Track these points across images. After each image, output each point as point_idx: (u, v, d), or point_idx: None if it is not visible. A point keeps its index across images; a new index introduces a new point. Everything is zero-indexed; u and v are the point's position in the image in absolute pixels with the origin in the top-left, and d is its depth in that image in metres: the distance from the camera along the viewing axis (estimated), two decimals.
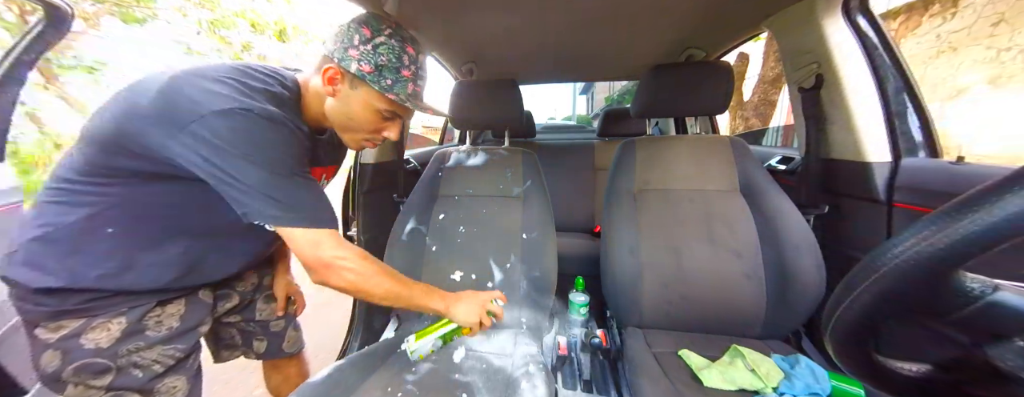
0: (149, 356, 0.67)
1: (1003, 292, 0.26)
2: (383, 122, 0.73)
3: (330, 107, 0.70)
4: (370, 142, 0.77)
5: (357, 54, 0.64)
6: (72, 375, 0.61)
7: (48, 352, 0.61)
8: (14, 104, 1.01)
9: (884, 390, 0.35)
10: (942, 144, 0.91)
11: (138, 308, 0.66)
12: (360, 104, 0.69)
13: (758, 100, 4.08)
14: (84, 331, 0.62)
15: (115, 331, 0.63)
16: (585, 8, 1.15)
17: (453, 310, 0.85)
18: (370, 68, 0.65)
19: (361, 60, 0.64)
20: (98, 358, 0.62)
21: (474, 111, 1.30)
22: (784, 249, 0.96)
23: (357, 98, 0.68)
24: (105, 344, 0.63)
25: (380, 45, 0.65)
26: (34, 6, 0.94)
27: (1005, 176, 0.24)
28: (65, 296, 0.60)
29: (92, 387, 0.63)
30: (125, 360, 0.65)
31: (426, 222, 1.17)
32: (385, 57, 0.65)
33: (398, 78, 0.67)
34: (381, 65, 0.65)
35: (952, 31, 3.52)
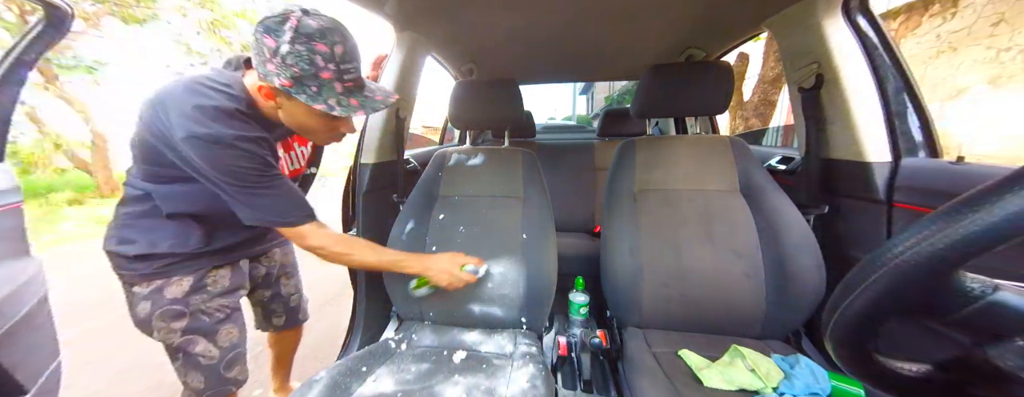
0: (212, 306, 0.88)
1: (1003, 292, 0.26)
2: (333, 122, 0.75)
3: (281, 117, 0.75)
4: (334, 139, 0.83)
5: (274, 68, 0.63)
6: (157, 318, 0.83)
7: (142, 302, 0.83)
8: (14, 104, 1.01)
9: (884, 390, 0.35)
10: (942, 144, 0.91)
11: (199, 270, 0.86)
12: (301, 114, 0.71)
13: (758, 100, 4.08)
14: (165, 286, 0.83)
15: (185, 286, 0.84)
16: (585, 8, 1.15)
17: (429, 270, 0.97)
18: (288, 81, 0.63)
19: (279, 74, 0.63)
20: (175, 305, 0.83)
21: (474, 111, 1.30)
22: (784, 249, 0.96)
23: (296, 109, 0.70)
24: (179, 295, 0.84)
25: (287, 55, 0.61)
26: (34, 6, 0.94)
27: (1005, 176, 0.24)
28: (150, 261, 0.81)
29: (173, 330, 0.84)
30: (194, 308, 0.85)
31: (426, 222, 1.17)
32: (297, 67, 0.62)
33: (322, 84, 0.65)
34: (296, 76, 0.63)
35: (952, 31, 3.52)
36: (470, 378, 0.86)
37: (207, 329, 0.88)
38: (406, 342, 1.03)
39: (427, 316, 1.12)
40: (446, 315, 1.11)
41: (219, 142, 0.67)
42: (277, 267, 1.12)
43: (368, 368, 0.88)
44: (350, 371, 0.85)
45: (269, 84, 0.66)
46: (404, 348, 1.00)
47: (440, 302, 1.10)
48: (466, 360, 0.94)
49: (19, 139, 6.42)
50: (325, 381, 0.80)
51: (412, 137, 1.69)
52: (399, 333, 1.08)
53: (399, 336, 1.05)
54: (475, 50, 1.60)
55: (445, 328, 1.10)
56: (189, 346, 0.86)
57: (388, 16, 1.11)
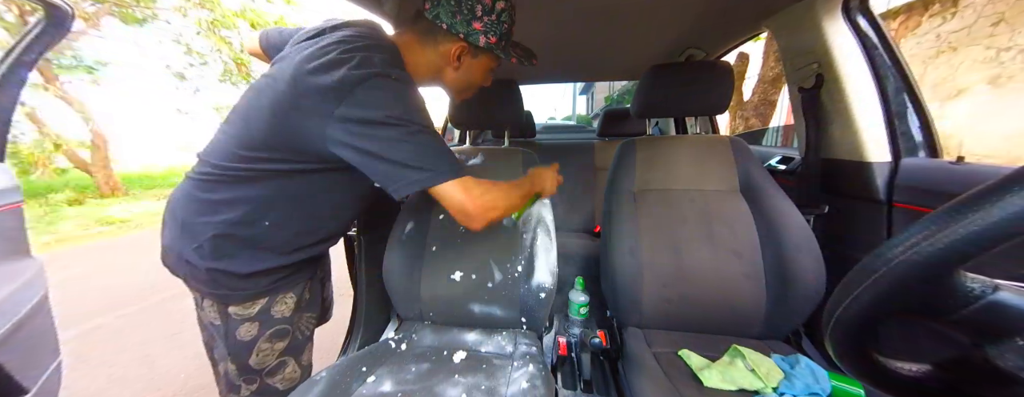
0: (304, 323, 0.85)
1: (1003, 292, 0.26)
2: (490, 75, 0.81)
3: (452, 77, 0.76)
4: (470, 93, 0.86)
5: (481, 26, 0.65)
6: (265, 340, 0.77)
7: (246, 324, 0.75)
8: (14, 104, 1.01)
9: (884, 390, 0.35)
10: (942, 144, 0.91)
11: (300, 285, 0.81)
12: (480, 69, 0.76)
13: (758, 100, 4.09)
14: (272, 305, 0.77)
15: (291, 304, 0.80)
16: (585, 8, 1.15)
17: (537, 185, 0.92)
18: (496, 39, 0.67)
19: (487, 33, 0.66)
20: (284, 324, 0.79)
21: (474, 111, 1.30)
22: (784, 249, 0.96)
23: (478, 65, 0.74)
24: (288, 313, 0.79)
25: (502, 12, 0.66)
26: (34, 6, 0.94)
27: (1005, 176, 0.24)
28: (259, 278, 0.74)
29: (274, 351, 0.79)
30: (296, 326, 0.82)
31: (426, 222, 1.17)
32: (507, 23, 0.67)
33: (510, 38, 0.71)
34: (504, 33, 0.68)
35: (952, 31, 3.52)
36: (470, 378, 0.86)
37: (300, 347, 0.84)
38: (406, 342, 1.03)
39: (427, 316, 1.12)
40: (446, 315, 1.11)
41: (403, 80, 0.65)
42: (326, 269, 1.06)
43: (368, 368, 0.88)
44: (350, 371, 0.85)
45: (470, 43, 0.68)
46: (404, 348, 1.00)
47: (440, 302, 1.10)
48: (466, 360, 0.94)
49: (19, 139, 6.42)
50: (325, 381, 0.80)
51: None
52: (399, 333, 1.08)
53: (399, 336, 1.05)
54: None
55: (445, 328, 1.10)
56: (280, 368, 0.81)
57: (388, 15, 1.11)
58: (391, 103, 0.62)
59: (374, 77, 0.61)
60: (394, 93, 0.63)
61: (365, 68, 0.61)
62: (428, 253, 1.13)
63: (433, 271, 1.11)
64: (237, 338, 0.76)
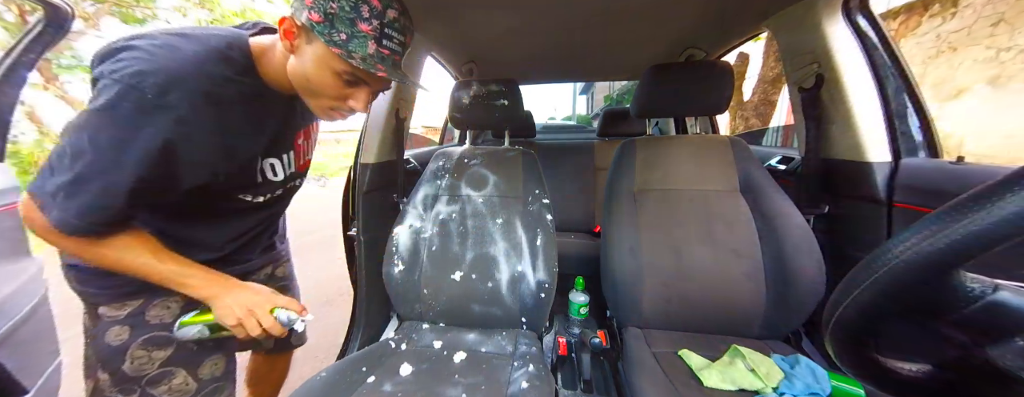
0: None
1: (1003, 292, 0.26)
2: (345, 88, 0.62)
3: (290, 67, 0.62)
4: (337, 112, 0.67)
5: (310, 2, 0.55)
6: (139, 347, 0.69)
7: (115, 327, 0.68)
8: (14, 104, 1.01)
9: (884, 390, 0.35)
10: (942, 144, 0.91)
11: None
12: (314, 62, 0.59)
13: (758, 100, 4.09)
14: (147, 309, 0.69)
15: (175, 309, 0.71)
16: (585, 8, 1.15)
17: (219, 300, 0.66)
18: (319, 17, 0.55)
19: (312, 8, 0.55)
20: (163, 332, 0.70)
21: (474, 111, 1.30)
22: (784, 249, 0.96)
23: (312, 55, 0.59)
24: (169, 320, 0.70)
25: None
26: (34, 6, 0.94)
27: (1005, 176, 0.24)
28: (124, 276, 0.63)
29: (152, 359, 0.70)
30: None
31: (426, 222, 1.17)
32: (337, 5, 0.54)
33: (354, 33, 0.56)
34: (331, 14, 0.54)
35: (952, 31, 3.52)
36: (470, 378, 0.86)
37: (191, 360, 0.73)
38: (406, 342, 1.03)
39: (427, 316, 1.12)
40: (446, 315, 1.11)
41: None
42: (265, 280, 0.94)
43: (368, 368, 0.88)
44: (350, 371, 0.85)
45: (297, 20, 0.57)
46: (404, 348, 1.00)
47: (440, 302, 1.10)
48: (466, 360, 0.94)
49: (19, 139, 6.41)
50: (325, 381, 0.80)
51: (412, 137, 1.69)
52: (399, 333, 1.08)
53: (399, 336, 1.05)
54: (475, 50, 1.60)
55: (445, 328, 1.10)
56: (162, 378, 0.71)
57: None
58: None
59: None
60: None
61: None
62: (428, 253, 1.13)
63: (433, 271, 1.11)
64: (105, 342, 0.68)
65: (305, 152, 0.84)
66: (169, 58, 0.54)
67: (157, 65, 0.53)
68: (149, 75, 0.52)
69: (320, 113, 0.68)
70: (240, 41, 0.63)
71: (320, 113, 0.68)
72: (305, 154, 0.85)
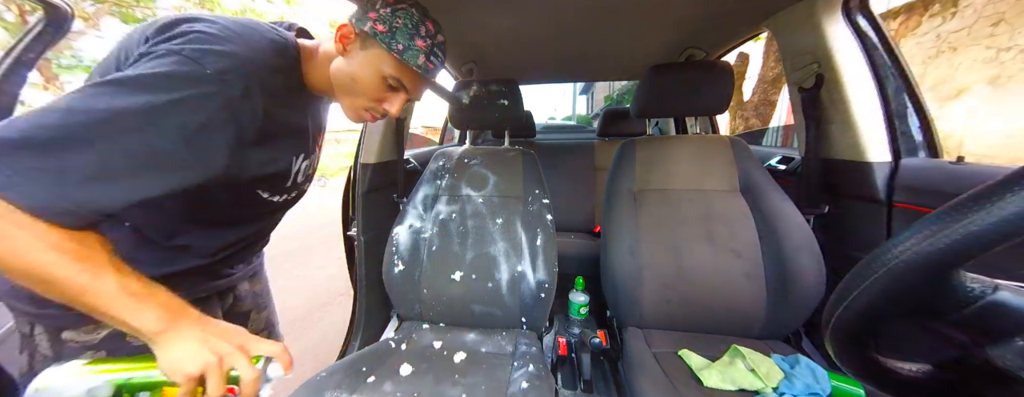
0: None
1: (1003, 292, 0.26)
2: (386, 91, 0.69)
3: (335, 66, 0.67)
4: (370, 113, 0.71)
5: (375, 15, 0.63)
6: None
7: (88, 354, 0.59)
8: (14, 104, 1.01)
9: (884, 390, 0.35)
10: (942, 144, 0.91)
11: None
12: (367, 65, 0.65)
13: (758, 100, 4.09)
14: (73, 328, 0.58)
15: (103, 332, 0.59)
16: (585, 8, 1.15)
17: (167, 342, 0.46)
18: (384, 28, 0.63)
19: (378, 20, 0.63)
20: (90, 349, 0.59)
21: (474, 111, 1.30)
22: (784, 249, 0.96)
23: (365, 58, 0.65)
24: (94, 340, 0.59)
25: (400, 11, 0.64)
26: (34, 6, 0.94)
27: (1005, 176, 0.24)
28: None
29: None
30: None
31: (426, 222, 1.17)
32: (402, 21, 0.64)
33: (410, 45, 0.64)
34: (396, 28, 0.63)
35: (952, 31, 3.52)
36: (470, 378, 0.86)
37: None
38: (406, 342, 1.03)
39: (427, 316, 1.12)
40: (446, 315, 1.11)
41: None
42: (244, 297, 0.88)
43: (368, 368, 0.88)
44: (350, 371, 0.85)
45: (356, 27, 0.64)
46: (404, 348, 1.00)
47: (440, 302, 1.10)
48: (466, 360, 0.94)
49: None
50: (325, 381, 0.80)
51: (412, 137, 1.69)
52: (399, 333, 1.08)
53: (399, 336, 1.05)
54: (475, 50, 1.60)
55: (445, 328, 1.10)
56: None
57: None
58: None
59: None
60: None
61: None
62: (428, 253, 1.13)
63: (433, 271, 1.11)
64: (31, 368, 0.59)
65: (320, 155, 0.87)
66: (232, 40, 0.53)
67: (220, 45, 0.51)
68: (212, 53, 0.49)
69: (351, 113, 0.72)
70: (291, 39, 0.67)
71: (351, 113, 0.72)
72: (320, 158, 0.87)
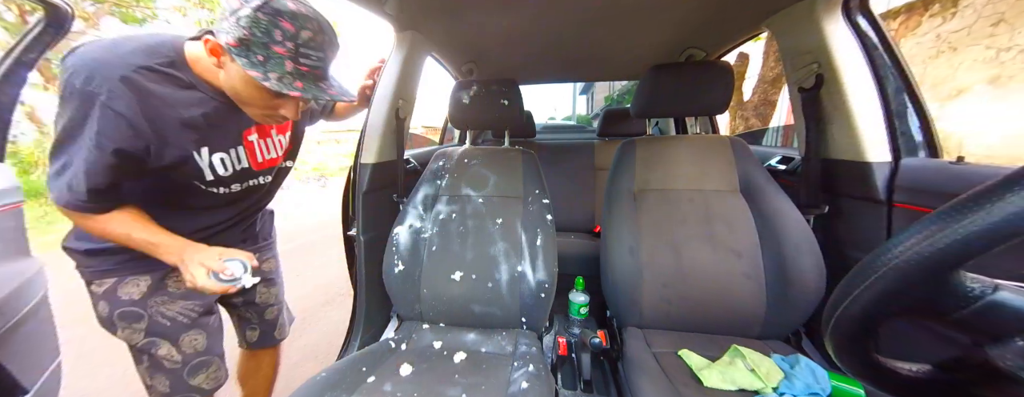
0: (173, 308, 0.83)
1: (1003, 292, 0.26)
2: (272, 99, 0.68)
3: (222, 79, 0.69)
4: (272, 119, 0.74)
5: (227, 26, 0.60)
6: (118, 319, 0.80)
7: (101, 302, 0.80)
8: (14, 104, 1.01)
9: (884, 390, 0.35)
10: (942, 144, 0.91)
11: (156, 271, 0.81)
12: (240, 79, 0.66)
13: (758, 100, 4.09)
14: (119, 286, 0.79)
15: (143, 287, 0.80)
16: (585, 8, 1.15)
17: (183, 263, 0.73)
18: (234, 42, 0.60)
19: (229, 32, 0.60)
20: (133, 307, 0.80)
21: (474, 111, 1.30)
22: (784, 249, 0.96)
23: (237, 72, 0.65)
24: (136, 297, 0.80)
25: (243, 17, 0.59)
26: (34, 6, 0.94)
27: (1005, 176, 0.24)
28: (102, 257, 0.78)
29: (136, 331, 0.81)
30: (153, 310, 0.81)
31: (426, 222, 1.17)
32: (249, 31, 0.59)
33: (270, 56, 0.61)
34: (244, 39, 0.59)
35: (952, 31, 3.52)
36: (470, 378, 0.86)
37: (168, 333, 0.83)
38: (406, 342, 1.03)
39: (427, 316, 1.12)
40: (446, 315, 1.11)
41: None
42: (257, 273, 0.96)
43: (368, 368, 0.88)
44: (350, 371, 0.85)
45: (216, 40, 0.63)
46: (404, 348, 1.00)
47: (440, 302, 1.10)
48: (466, 360, 0.94)
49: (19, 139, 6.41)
50: (325, 381, 0.80)
51: (412, 137, 1.69)
52: (399, 333, 1.08)
53: (399, 336, 1.05)
54: (475, 50, 1.60)
55: (445, 328, 1.10)
56: (152, 348, 0.82)
57: (388, 16, 1.11)
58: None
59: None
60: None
61: None
62: (428, 253, 1.13)
63: (433, 271, 1.11)
64: (99, 314, 0.80)
65: (264, 150, 0.86)
66: (95, 51, 0.63)
67: (85, 59, 0.62)
68: (80, 68, 0.61)
69: (257, 119, 0.75)
70: (175, 40, 0.70)
71: (257, 119, 0.75)
72: (265, 152, 0.87)
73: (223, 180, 0.80)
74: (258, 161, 0.85)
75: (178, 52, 0.69)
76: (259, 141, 0.85)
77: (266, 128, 0.85)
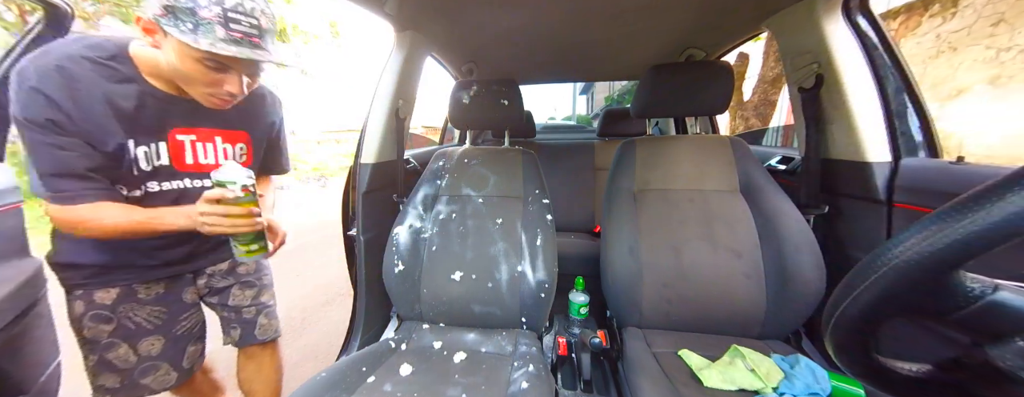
0: (142, 313, 0.88)
1: (1003, 292, 0.26)
2: (214, 73, 0.68)
3: (161, 61, 0.68)
4: (216, 98, 0.73)
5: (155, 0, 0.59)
6: (89, 320, 0.84)
7: (76, 302, 0.84)
8: None
9: (884, 390, 0.35)
10: (941, 144, 0.91)
11: (128, 281, 0.86)
12: (176, 53, 0.65)
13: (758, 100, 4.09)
14: (94, 294, 0.84)
15: (113, 294, 0.85)
16: (585, 8, 1.15)
17: (192, 225, 0.76)
18: (161, 11, 0.59)
19: (158, 4, 0.59)
20: (103, 310, 0.84)
21: (474, 111, 1.30)
22: (784, 249, 0.96)
23: (171, 46, 0.65)
24: (108, 302, 0.84)
25: None
26: (34, 6, 0.94)
27: (1005, 176, 0.24)
28: (76, 270, 0.83)
29: (102, 332, 0.85)
30: (122, 316, 0.86)
31: (426, 222, 1.17)
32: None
33: (199, 22, 0.60)
34: (170, 7, 0.59)
35: (952, 31, 3.52)
36: (470, 378, 0.86)
37: (132, 335, 0.87)
38: (406, 342, 1.03)
39: (427, 316, 1.12)
40: (446, 315, 1.11)
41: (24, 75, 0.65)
42: (226, 276, 1.02)
43: (368, 368, 0.88)
44: (350, 371, 0.85)
45: (152, 16, 0.62)
46: (404, 348, 1.00)
47: (440, 302, 1.10)
48: (466, 360, 0.94)
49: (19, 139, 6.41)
50: (325, 381, 0.80)
51: (412, 137, 1.69)
52: (399, 333, 1.08)
53: (399, 336, 1.05)
54: (475, 50, 1.60)
55: (445, 328, 1.10)
56: (111, 347, 0.86)
57: (388, 16, 1.11)
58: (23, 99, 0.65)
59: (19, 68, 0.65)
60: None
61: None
62: (428, 253, 1.13)
63: (433, 271, 1.11)
64: (73, 311, 0.85)
65: (199, 154, 0.85)
66: (46, 47, 0.67)
67: (34, 54, 0.66)
68: (28, 63, 0.64)
69: (203, 101, 0.75)
70: (123, 39, 0.73)
71: (203, 101, 0.75)
72: (201, 156, 0.85)
73: (148, 175, 0.80)
74: (185, 162, 0.84)
75: (121, 48, 0.71)
76: (194, 143, 0.83)
77: (208, 133, 0.85)
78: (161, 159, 0.81)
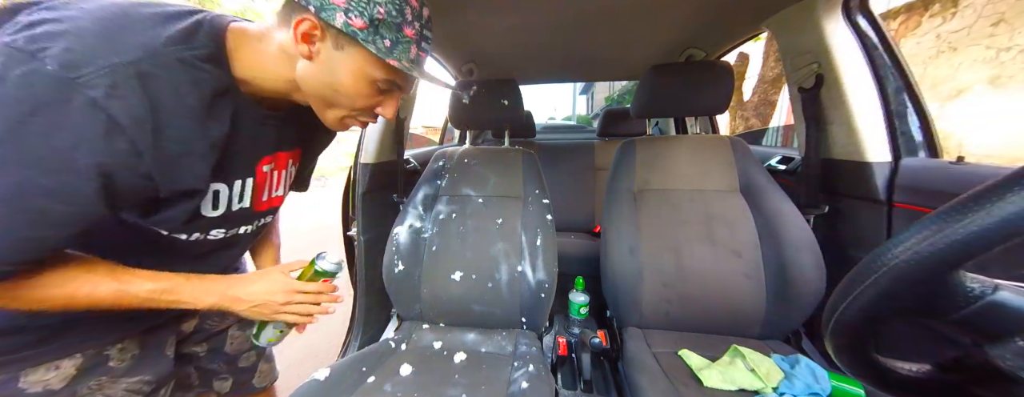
0: (116, 389, 0.59)
1: (1003, 292, 0.26)
2: (378, 95, 0.56)
3: (305, 73, 0.51)
4: (354, 120, 0.59)
5: (344, 3, 0.46)
6: None
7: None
8: None
9: (884, 390, 0.35)
10: (941, 144, 0.91)
11: (90, 345, 0.57)
12: (350, 71, 0.51)
13: (758, 100, 4.09)
14: (21, 376, 0.52)
15: (67, 369, 0.54)
16: (585, 8, 1.15)
17: (236, 301, 0.58)
18: (363, 23, 0.47)
19: (350, 11, 0.46)
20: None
21: (474, 111, 1.30)
22: (784, 249, 0.96)
23: (345, 63, 0.50)
24: (56, 385, 0.54)
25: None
26: None
27: (1005, 176, 0.24)
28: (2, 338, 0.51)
29: None
30: (86, 395, 0.56)
31: (426, 222, 1.17)
32: (384, 9, 0.47)
33: (399, 38, 0.50)
34: (377, 20, 0.48)
35: (952, 31, 3.52)
36: (470, 378, 0.86)
37: None
38: (406, 342, 1.03)
39: (427, 316, 1.12)
40: (446, 315, 1.11)
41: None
42: (223, 314, 0.76)
43: (368, 368, 0.88)
44: (350, 371, 0.85)
45: (324, 22, 0.47)
46: (404, 348, 1.00)
47: (440, 302, 1.10)
48: (466, 360, 0.94)
49: None
50: (325, 381, 0.80)
51: (412, 137, 1.69)
52: (399, 333, 1.08)
53: (399, 336, 1.05)
54: (475, 50, 1.60)
55: (445, 328, 1.10)
56: None
57: None
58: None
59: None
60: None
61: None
62: (428, 253, 1.13)
63: (433, 271, 1.11)
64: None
65: (273, 186, 0.65)
66: (91, 19, 0.39)
67: (68, 26, 0.38)
68: (57, 37, 0.37)
69: (334, 123, 0.59)
70: (216, 21, 0.49)
71: (334, 123, 0.59)
72: (272, 189, 0.65)
73: (215, 222, 0.58)
74: (262, 199, 0.64)
75: (217, 40, 0.48)
76: (272, 172, 0.63)
77: (284, 157, 0.66)
78: (243, 201, 0.60)
